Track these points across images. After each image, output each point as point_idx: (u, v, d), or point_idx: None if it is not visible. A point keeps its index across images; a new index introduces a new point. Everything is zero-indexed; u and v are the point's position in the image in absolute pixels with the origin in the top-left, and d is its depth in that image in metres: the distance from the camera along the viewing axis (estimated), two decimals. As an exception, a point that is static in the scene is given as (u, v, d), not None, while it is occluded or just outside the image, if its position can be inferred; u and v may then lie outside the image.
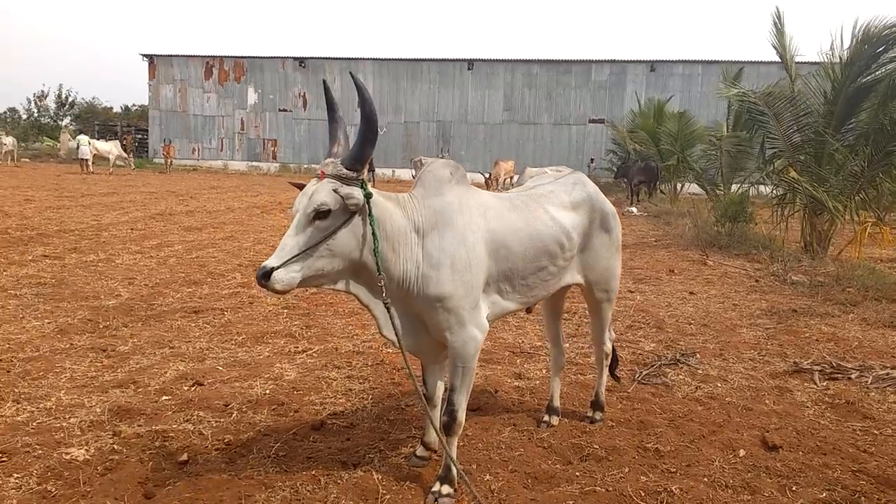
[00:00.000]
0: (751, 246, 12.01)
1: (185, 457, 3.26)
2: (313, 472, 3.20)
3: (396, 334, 2.82)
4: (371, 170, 27.22)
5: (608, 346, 3.93)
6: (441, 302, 2.87)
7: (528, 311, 3.70)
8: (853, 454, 3.60)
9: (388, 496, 3.02)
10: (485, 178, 23.68)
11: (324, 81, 2.82)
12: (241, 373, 4.59)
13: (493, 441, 3.63)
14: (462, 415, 3.04)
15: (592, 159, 32.72)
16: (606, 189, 26.51)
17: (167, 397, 4.10)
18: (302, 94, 36.61)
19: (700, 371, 5.00)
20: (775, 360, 5.34)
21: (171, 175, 29.84)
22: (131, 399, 4.01)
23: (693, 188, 23.06)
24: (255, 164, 37.12)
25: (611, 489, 3.15)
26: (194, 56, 37.27)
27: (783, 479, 3.32)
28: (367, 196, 2.65)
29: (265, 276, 2.49)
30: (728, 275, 9.60)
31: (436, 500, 2.98)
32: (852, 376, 4.91)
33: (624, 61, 34.25)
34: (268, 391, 4.25)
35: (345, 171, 2.61)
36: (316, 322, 5.99)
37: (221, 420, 3.79)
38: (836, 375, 4.94)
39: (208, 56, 37.11)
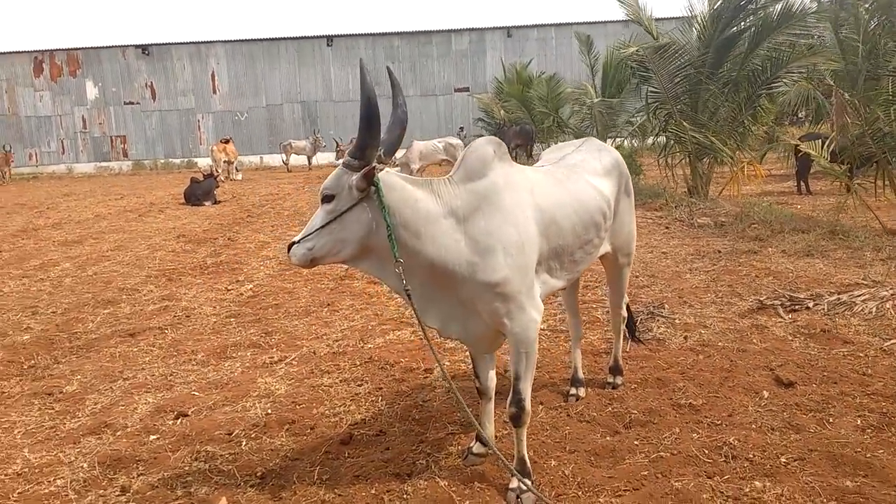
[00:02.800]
0: (645, 196, 12.62)
1: (223, 502, 2.87)
2: (373, 492, 2.94)
3: (419, 321, 2.74)
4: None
5: (625, 311, 3.90)
6: (497, 288, 2.69)
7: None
8: (859, 379, 3.83)
9: (466, 502, 2.83)
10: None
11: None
12: (224, 395, 4.13)
13: (534, 424, 3.50)
14: (529, 403, 2.89)
15: (462, 127, 32.93)
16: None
17: (155, 437, 3.60)
18: (149, 83, 33.77)
19: (678, 321, 5.14)
20: (735, 300, 5.61)
21: (10, 186, 26.66)
22: (116, 446, 3.48)
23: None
24: (104, 164, 33.97)
25: (675, 452, 3.13)
26: (19, 52, 33.24)
27: (816, 413, 3.46)
28: (373, 184, 2.55)
29: (288, 249, 2.69)
30: (639, 225, 9.97)
31: (518, 497, 2.82)
32: (809, 305, 5.24)
33: (482, 29, 34.57)
34: (269, 410, 3.85)
35: (349, 159, 2.61)
36: (273, 327, 5.53)
37: (235, 451, 3.38)
38: (795, 307, 5.26)
39: (36, 51, 33.26)
